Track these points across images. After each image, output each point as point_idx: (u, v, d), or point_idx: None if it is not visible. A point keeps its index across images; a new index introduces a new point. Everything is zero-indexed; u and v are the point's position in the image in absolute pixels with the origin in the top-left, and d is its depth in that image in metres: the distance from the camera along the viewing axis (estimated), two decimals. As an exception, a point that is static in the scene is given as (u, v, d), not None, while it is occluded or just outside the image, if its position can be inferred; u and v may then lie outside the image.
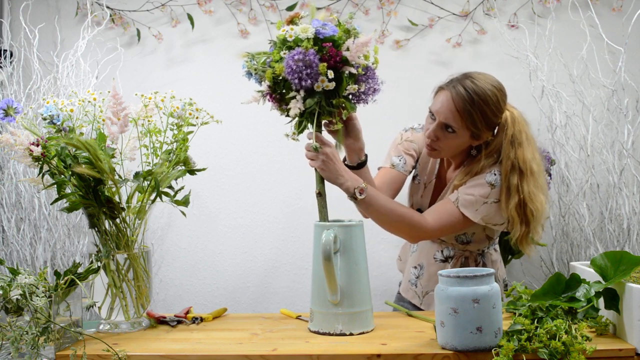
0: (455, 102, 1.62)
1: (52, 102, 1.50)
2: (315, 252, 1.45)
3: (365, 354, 1.25)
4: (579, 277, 1.35)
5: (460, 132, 1.64)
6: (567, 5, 2.43)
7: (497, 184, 1.65)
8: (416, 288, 1.87)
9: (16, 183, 2.43)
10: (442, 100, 1.65)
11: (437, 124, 1.66)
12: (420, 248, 1.89)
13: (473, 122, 1.62)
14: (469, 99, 1.61)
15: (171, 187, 1.61)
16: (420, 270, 1.87)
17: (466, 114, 1.61)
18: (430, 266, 1.84)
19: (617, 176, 2.23)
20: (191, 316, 1.59)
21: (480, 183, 1.66)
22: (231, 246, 2.68)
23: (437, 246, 1.84)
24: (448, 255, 1.82)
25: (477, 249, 1.82)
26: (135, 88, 1.77)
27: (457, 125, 1.64)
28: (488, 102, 1.62)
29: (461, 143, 1.68)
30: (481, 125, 1.63)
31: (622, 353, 1.21)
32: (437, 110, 1.66)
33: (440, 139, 1.68)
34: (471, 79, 1.64)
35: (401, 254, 2.04)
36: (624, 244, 2.21)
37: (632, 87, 2.30)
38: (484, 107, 1.62)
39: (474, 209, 1.64)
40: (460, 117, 1.62)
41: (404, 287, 1.92)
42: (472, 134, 1.66)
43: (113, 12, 2.69)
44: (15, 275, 1.33)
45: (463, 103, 1.61)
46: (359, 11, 2.61)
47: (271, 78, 1.41)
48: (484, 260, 1.83)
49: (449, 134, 1.65)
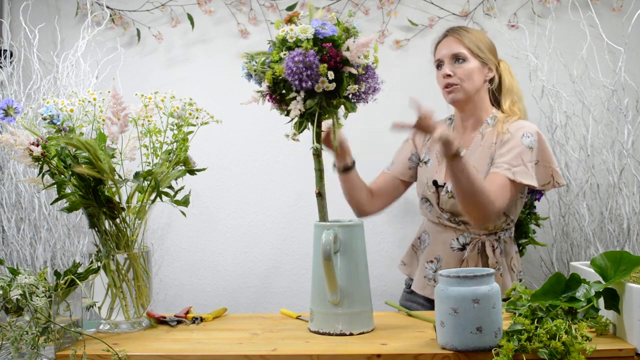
0: (455, 36, 1.83)
1: (52, 102, 1.50)
2: (315, 252, 1.45)
3: (365, 354, 1.25)
4: (579, 277, 1.35)
5: (470, 57, 1.81)
6: (567, 5, 2.43)
7: (534, 145, 1.75)
8: (435, 283, 1.84)
9: (16, 183, 2.43)
10: (444, 45, 1.85)
11: (448, 61, 1.82)
12: (434, 240, 1.88)
13: (477, 45, 1.81)
14: (465, 29, 1.85)
15: (171, 187, 1.61)
16: (437, 264, 1.86)
17: (467, 39, 1.81)
18: (448, 257, 1.84)
19: (617, 176, 2.23)
20: (191, 316, 1.59)
21: (521, 151, 1.74)
22: (231, 246, 2.68)
23: (452, 234, 1.84)
24: (464, 242, 1.82)
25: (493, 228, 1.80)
26: (135, 88, 1.77)
27: (464, 51, 1.81)
28: (483, 35, 1.88)
29: (474, 69, 1.81)
30: (484, 48, 1.82)
31: (622, 353, 1.21)
32: (443, 53, 1.84)
33: (456, 72, 1.81)
34: (463, 26, 1.90)
35: (405, 258, 2.02)
36: (624, 244, 2.21)
37: (632, 87, 2.30)
38: (481, 37, 1.85)
39: (530, 176, 1.72)
40: (463, 44, 1.80)
41: (420, 284, 1.89)
42: (481, 60, 1.82)
43: (113, 12, 2.69)
44: (15, 275, 1.33)
45: (462, 33, 1.83)
46: (359, 11, 2.61)
47: (271, 79, 1.41)
48: (500, 246, 1.82)
49: (460, 63, 1.81)
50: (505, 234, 1.85)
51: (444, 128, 1.56)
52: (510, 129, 1.78)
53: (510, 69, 1.91)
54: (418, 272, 1.92)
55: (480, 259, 1.80)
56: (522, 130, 1.76)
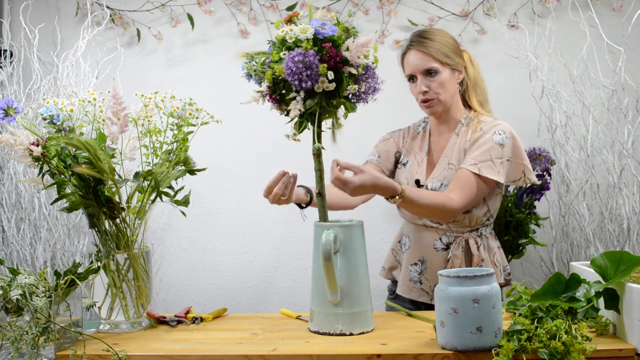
0: (421, 49, 1.81)
1: (52, 102, 1.50)
2: (315, 252, 1.45)
3: (365, 354, 1.25)
4: (579, 277, 1.35)
5: (441, 69, 1.81)
6: (567, 5, 2.43)
7: (506, 142, 1.78)
8: (422, 285, 1.85)
9: (16, 183, 2.43)
10: (411, 59, 1.84)
11: (421, 77, 1.82)
12: (416, 242, 1.88)
13: (444, 53, 1.81)
14: (426, 38, 1.82)
15: (171, 187, 1.61)
16: (422, 266, 1.86)
17: (434, 50, 1.80)
18: (433, 258, 1.84)
19: (617, 176, 2.23)
20: (191, 316, 1.59)
21: (490, 147, 1.77)
22: (231, 246, 2.68)
23: (435, 234, 1.84)
24: (448, 242, 1.82)
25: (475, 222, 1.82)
26: (135, 88, 1.77)
27: (435, 65, 1.80)
28: (441, 33, 1.85)
29: (447, 79, 1.83)
30: (451, 53, 1.82)
31: (622, 353, 1.21)
32: (412, 68, 1.83)
33: (430, 87, 1.82)
34: (420, 31, 1.87)
35: (385, 263, 2.01)
36: (624, 244, 2.21)
37: (632, 87, 2.30)
38: (442, 37, 1.83)
39: (496, 171, 1.75)
40: (432, 56, 1.80)
41: (405, 287, 1.89)
42: (451, 67, 1.83)
43: (113, 12, 2.69)
44: (15, 275, 1.33)
45: (427, 44, 1.81)
46: (359, 11, 2.61)
47: (271, 79, 1.41)
48: (483, 242, 1.83)
49: (433, 77, 1.82)
50: (486, 230, 1.86)
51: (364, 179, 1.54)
52: (484, 127, 1.81)
53: (472, 58, 1.92)
54: (402, 275, 1.91)
55: (464, 257, 1.80)
56: (495, 128, 1.79)
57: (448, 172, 1.82)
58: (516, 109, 2.45)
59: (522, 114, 2.46)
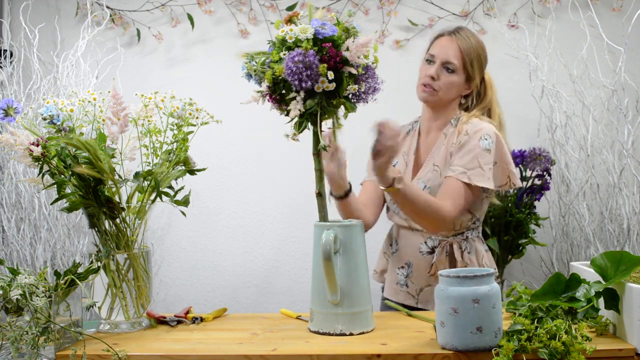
0: (458, 43, 1.82)
1: (52, 102, 1.50)
2: (315, 252, 1.45)
3: (365, 354, 1.25)
4: (579, 277, 1.35)
5: (458, 72, 1.82)
6: (567, 5, 2.43)
7: (492, 147, 1.77)
8: (407, 288, 1.85)
9: (16, 183, 2.43)
10: (444, 44, 1.84)
11: (439, 64, 1.82)
12: (403, 245, 1.87)
13: (470, 63, 1.82)
14: (469, 42, 1.84)
15: (171, 187, 1.61)
16: (408, 269, 1.85)
17: (466, 54, 1.81)
18: (418, 261, 1.83)
19: (617, 176, 2.23)
20: (191, 316, 1.59)
21: (478, 153, 1.75)
22: (231, 246, 2.68)
23: (420, 237, 1.84)
24: (433, 245, 1.82)
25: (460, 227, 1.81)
26: (135, 88, 1.76)
27: (457, 64, 1.81)
28: (483, 48, 1.87)
29: (457, 83, 1.83)
30: (475, 68, 1.84)
31: (622, 353, 1.21)
32: (438, 52, 1.83)
33: (440, 78, 1.82)
34: (468, 30, 1.87)
35: (377, 267, 2.01)
36: (624, 244, 2.21)
37: (632, 87, 2.30)
38: (480, 52, 1.85)
39: (487, 178, 1.74)
40: (461, 56, 1.81)
41: (392, 291, 1.89)
42: (467, 77, 1.83)
43: (113, 12, 2.69)
44: (15, 275, 1.33)
45: (465, 44, 1.82)
46: (359, 11, 2.61)
47: (271, 79, 1.40)
48: (469, 246, 1.82)
49: (448, 73, 1.81)
50: (473, 233, 1.85)
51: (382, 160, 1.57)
52: (469, 130, 1.78)
53: (493, 83, 1.92)
54: (389, 278, 1.91)
55: (448, 263, 1.79)
56: (480, 133, 1.77)
57: (432, 174, 1.81)
58: (516, 109, 2.44)
59: (522, 114, 2.46)
